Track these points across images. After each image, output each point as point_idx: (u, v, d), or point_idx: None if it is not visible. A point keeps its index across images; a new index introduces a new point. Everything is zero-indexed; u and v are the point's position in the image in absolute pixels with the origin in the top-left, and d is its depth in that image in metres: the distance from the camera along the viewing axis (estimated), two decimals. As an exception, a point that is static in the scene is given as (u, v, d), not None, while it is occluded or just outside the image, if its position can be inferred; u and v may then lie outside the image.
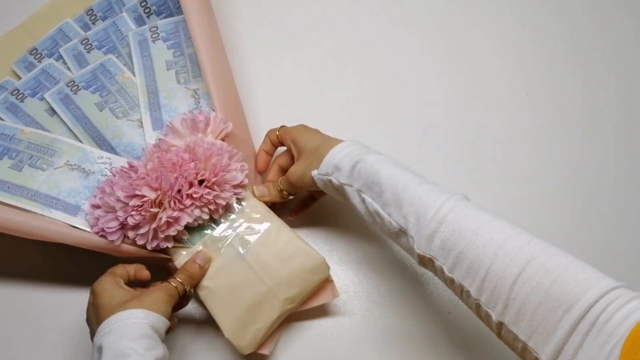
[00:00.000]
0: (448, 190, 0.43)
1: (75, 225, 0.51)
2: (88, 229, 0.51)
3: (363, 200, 0.46)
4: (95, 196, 0.50)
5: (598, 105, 0.65)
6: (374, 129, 0.64)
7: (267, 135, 0.56)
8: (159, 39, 0.60)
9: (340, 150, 0.48)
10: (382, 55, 0.67)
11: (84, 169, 0.55)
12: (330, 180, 0.48)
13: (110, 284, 0.46)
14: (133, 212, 0.47)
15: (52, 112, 0.59)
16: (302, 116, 0.57)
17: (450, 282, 0.41)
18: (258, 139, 0.58)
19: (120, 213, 0.47)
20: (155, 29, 0.61)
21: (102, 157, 0.55)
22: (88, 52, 0.62)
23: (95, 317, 0.44)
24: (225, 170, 0.49)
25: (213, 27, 0.58)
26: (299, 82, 0.66)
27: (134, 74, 0.59)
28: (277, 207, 0.55)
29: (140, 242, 0.48)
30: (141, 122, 0.57)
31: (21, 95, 0.60)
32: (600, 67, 0.66)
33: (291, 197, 0.54)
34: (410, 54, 0.68)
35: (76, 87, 0.59)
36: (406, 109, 0.65)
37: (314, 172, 0.49)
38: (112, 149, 0.56)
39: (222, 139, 0.52)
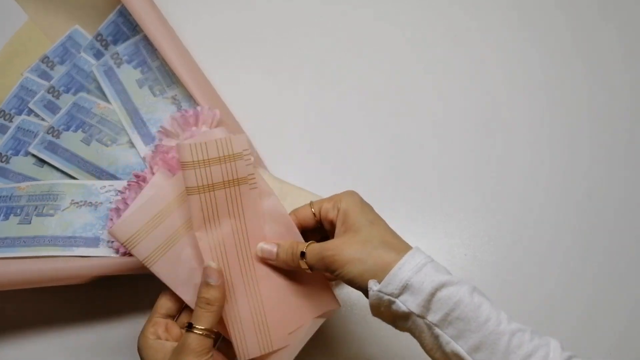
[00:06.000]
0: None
1: (100, 255, 0.51)
2: (114, 255, 0.50)
3: (436, 336, 0.37)
4: (111, 219, 0.50)
5: (603, 104, 0.62)
6: (361, 134, 0.62)
7: (298, 211, 0.44)
8: (123, 62, 0.61)
9: (414, 265, 0.37)
10: (368, 51, 0.65)
11: (91, 202, 0.54)
12: (391, 303, 0.37)
13: (146, 346, 0.41)
14: (155, 218, 0.47)
15: (42, 162, 0.58)
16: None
17: None
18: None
19: (142, 224, 0.47)
20: (117, 55, 0.61)
21: (105, 186, 0.55)
22: (57, 98, 0.62)
23: None
24: (229, 153, 0.50)
25: (172, 33, 0.59)
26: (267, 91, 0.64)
27: (109, 103, 0.60)
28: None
29: (169, 246, 0.48)
30: (131, 143, 0.57)
31: (5, 157, 0.59)
32: (605, 64, 0.64)
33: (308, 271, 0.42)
34: (401, 51, 0.65)
35: (57, 131, 0.59)
36: (398, 111, 0.63)
37: (374, 285, 0.37)
38: (112, 176, 0.56)
39: (215, 127, 0.53)
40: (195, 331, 0.39)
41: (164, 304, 0.43)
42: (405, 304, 0.37)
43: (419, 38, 0.66)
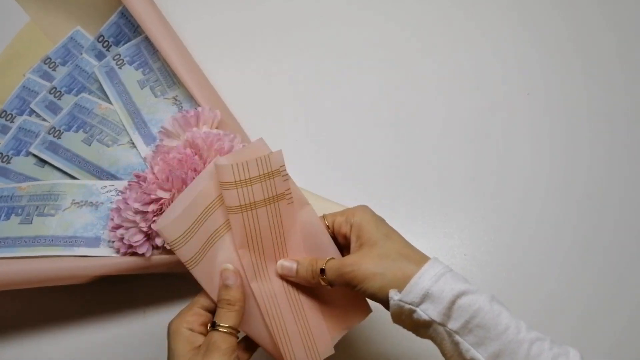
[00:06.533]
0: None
1: (100, 255, 0.51)
2: (115, 255, 0.51)
3: (456, 343, 0.37)
4: (112, 219, 0.50)
5: (603, 104, 0.62)
6: (361, 134, 0.62)
7: None
8: (125, 64, 0.61)
9: (433, 275, 0.38)
10: (369, 52, 0.65)
11: (91, 202, 0.55)
12: (412, 312, 0.37)
13: (178, 333, 0.41)
14: (154, 218, 0.47)
15: (43, 163, 0.59)
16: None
17: None
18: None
19: (142, 224, 0.47)
20: (119, 56, 0.61)
21: (105, 186, 0.55)
22: (59, 99, 0.62)
23: None
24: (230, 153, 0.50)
25: (173, 33, 0.59)
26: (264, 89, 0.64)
27: (110, 103, 0.60)
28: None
29: (170, 245, 0.48)
30: (133, 143, 0.57)
31: (6, 157, 0.60)
32: (604, 64, 0.64)
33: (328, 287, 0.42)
34: (401, 52, 0.65)
35: (58, 132, 0.59)
36: (397, 111, 0.63)
37: (394, 295, 0.38)
38: (112, 176, 0.56)
39: (216, 128, 0.53)
40: (219, 329, 0.40)
41: (205, 301, 0.43)
42: (426, 312, 0.37)
43: (418, 38, 0.66)
